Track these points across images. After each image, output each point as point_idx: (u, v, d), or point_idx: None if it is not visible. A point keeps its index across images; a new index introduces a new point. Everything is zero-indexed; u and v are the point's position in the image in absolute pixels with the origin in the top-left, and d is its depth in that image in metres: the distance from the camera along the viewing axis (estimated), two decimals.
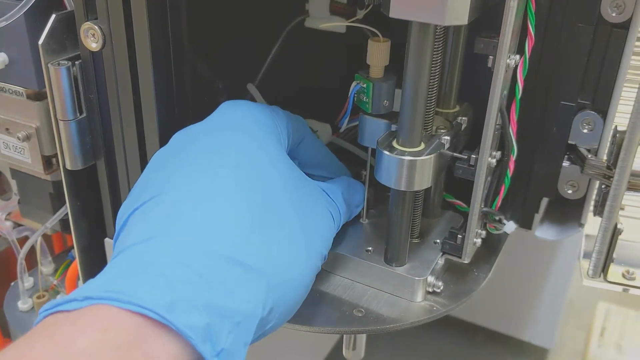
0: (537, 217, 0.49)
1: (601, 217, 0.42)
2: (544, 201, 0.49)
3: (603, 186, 0.43)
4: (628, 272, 0.44)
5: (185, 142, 0.38)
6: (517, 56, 0.38)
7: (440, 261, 0.44)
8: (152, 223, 0.33)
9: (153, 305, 0.28)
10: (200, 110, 0.49)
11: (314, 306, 0.42)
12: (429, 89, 0.38)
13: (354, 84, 0.42)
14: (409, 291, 0.42)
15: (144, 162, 0.45)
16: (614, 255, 0.43)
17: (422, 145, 0.39)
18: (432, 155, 0.38)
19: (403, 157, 0.38)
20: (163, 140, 0.43)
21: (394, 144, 0.39)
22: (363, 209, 0.48)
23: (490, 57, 0.37)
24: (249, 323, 0.32)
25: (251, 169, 0.36)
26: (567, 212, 0.47)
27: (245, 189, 0.35)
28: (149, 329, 0.28)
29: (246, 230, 0.33)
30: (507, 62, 0.36)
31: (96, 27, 0.41)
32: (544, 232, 0.48)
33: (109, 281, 0.30)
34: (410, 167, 0.38)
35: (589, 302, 0.92)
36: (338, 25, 0.50)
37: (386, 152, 0.38)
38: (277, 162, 0.38)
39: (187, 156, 0.36)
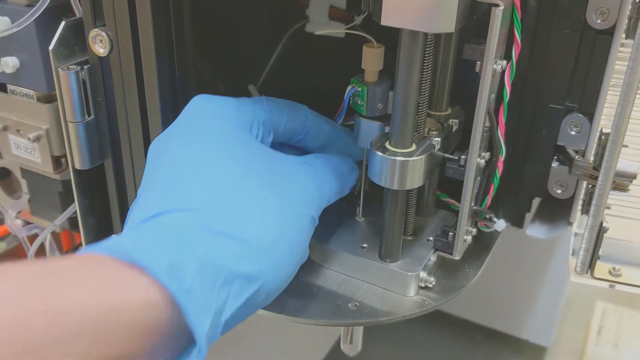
0: (529, 216, 0.50)
1: (588, 215, 0.44)
2: (536, 201, 0.50)
3: (590, 186, 0.45)
4: (614, 268, 0.46)
5: (159, 149, 0.40)
6: (505, 61, 0.40)
7: (433, 258, 0.46)
8: (140, 209, 0.36)
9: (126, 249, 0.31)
10: None
11: (310, 300, 0.43)
12: (420, 92, 0.40)
13: (349, 87, 0.43)
14: (402, 286, 0.44)
15: None
16: (600, 253, 0.44)
17: (414, 147, 0.41)
18: (423, 156, 0.40)
19: (395, 158, 0.40)
20: None
21: (387, 145, 0.41)
22: (359, 207, 0.49)
23: (478, 62, 0.38)
24: (218, 270, 0.33)
25: (222, 152, 0.38)
26: (557, 211, 0.49)
27: (221, 170, 0.37)
28: (123, 267, 0.31)
29: (224, 202, 0.35)
30: (494, 68, 0.38)
31: (104, 33, 0.43)
32: (534, 230, 0.49)
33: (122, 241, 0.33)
34: (402, 167, 0.40)
35: (586, 301, 0.93)
36: (337, 31, 0.52)
37: (379, 153, 0.40)
38: (240, 147, 0.39)
39: (164, 158, 0.39)
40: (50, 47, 0.45)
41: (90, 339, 0.28)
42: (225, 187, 0.36)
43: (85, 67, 0.45)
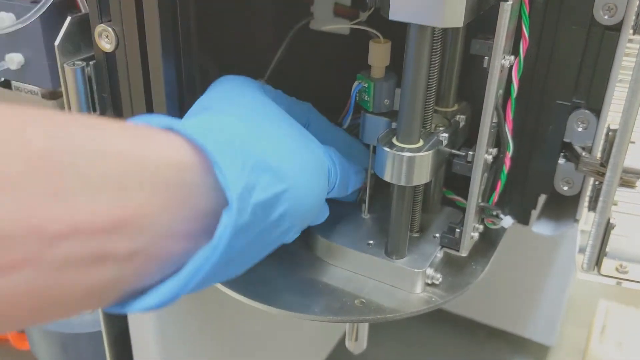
0: (534, 213, 0.50)
1: (595, 212, 0.43)
2: (542, 197, 0.50)
3: (597, 183, 0.44)
4: (621, 265, 0.46)
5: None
6: (512, 57, 0.40)
7: (439, 254, 0.45)
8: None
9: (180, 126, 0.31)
10: None
11: (316, 296, 0.43)
12: (427, 88, 0.40)
13: (355, 83, 0.43)
14: (409, 283, 0.44)
15: None
16: (607, 250, 0.44)
17: (421, 142, 0.41)
18: (430, 152, 0.40)
19: (402, 154, 0.40)
20: None
21: (394, 140, 0.41)
22: (365, 203, 0.49)
23: (486, 57, 0.38)
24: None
25: (256, 98, 0.40)
26: (563, 208, 0.48)
27: (255, 106, 0.39)
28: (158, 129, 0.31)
29: (259, 120, 0.37)
30: (502, 63, 0.38)
31: (110, 29, 0.43)
32: (540, 227, 0.49)
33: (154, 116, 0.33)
34: (409, 162, 0.40)
35: (589, 300, 0.93)
36: (342, 27, 0.52)
37: (386, 149, 0.40)
38: (270, 104, 0.41)
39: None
40: (56, 43, 0.44)
41: (117, 192, 0.27)
42: (259, 115, 0.37)
43: (90, 63, 0.45)
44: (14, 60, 0.49)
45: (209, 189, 0.30)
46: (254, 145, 0.34)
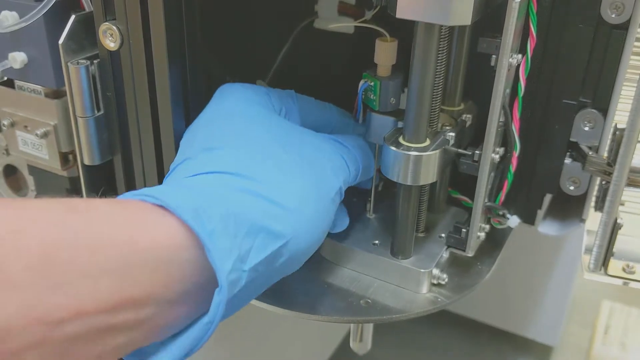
0: (540, 213, 0.50)
1: (602, 212, 0.43)
2: (547, 197, 0.50)
3: (603, 182, 0.44)
4: (628, 266, 0.45)
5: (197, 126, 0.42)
6: (520, 55, 0.39)
7: (445, 254, 0.45)
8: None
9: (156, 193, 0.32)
10: None
11: (322, 296, 0.43)
12: (434, 87, 0.40)
13: (362, 82, 0.43)
14: (415, 283, 0.44)
15: (159, 157, 0.46)
16: (614, 250, 0.44)
17: (428, 142, 0.40)
18: (437, 151, 0.40)
19: (409, 153, 0.39)
20: (177, 136, 0.44)
21: (400, 140, 0.41)
22: (370, 203, 0.49)
23: (493, 56, 0.38)
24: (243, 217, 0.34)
25: (254, 125, 0.40)
26: (569, 208, 0.48)
27: (253, 139, 0.39)
28: (152, 208, 0.32)
29: (256, 167, 0.37)
30: (510, 62, 0.38)
31: (114, 27, 0.43)
32: (546, 227, 0.49)
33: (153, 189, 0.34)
34: (416, 162, 0.40)
35: (593, 300, 0.93)
36: (346, 25, 0.52)
37: (393, 148, 0.40)
38: (271, 123, 0.41)
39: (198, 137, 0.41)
40: (60, 42, 0.44)
41: (117, 276, 0.29)
42: (257, 154, 0.37)
43: (95, 61, 0.45)
44: (17, 59, 0.49)
45: (204, 264, 0.31)
46: (249, 206, 0.34)
